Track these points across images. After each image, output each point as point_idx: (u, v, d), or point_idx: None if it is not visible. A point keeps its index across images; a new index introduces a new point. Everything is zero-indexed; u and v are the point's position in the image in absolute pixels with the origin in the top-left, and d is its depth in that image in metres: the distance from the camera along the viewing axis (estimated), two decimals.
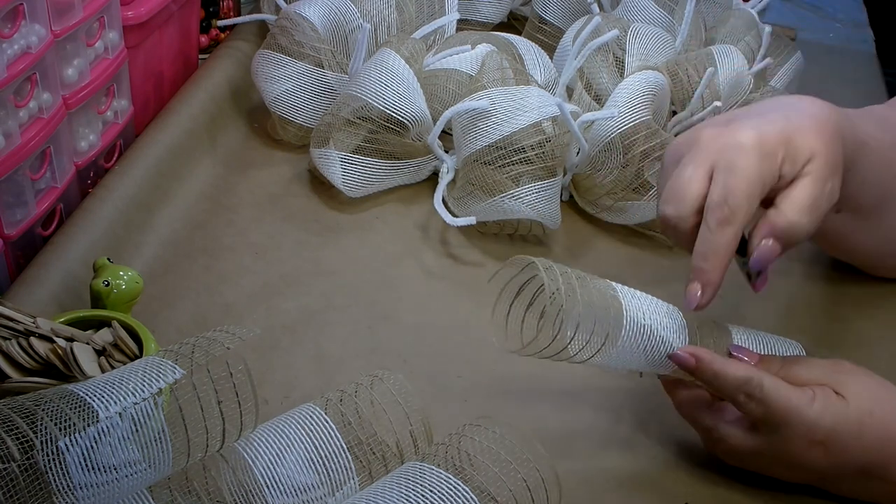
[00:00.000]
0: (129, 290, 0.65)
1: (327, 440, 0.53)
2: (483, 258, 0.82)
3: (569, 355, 0.58)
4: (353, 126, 0.84)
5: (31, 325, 0.57)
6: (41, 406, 0.44)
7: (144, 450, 0.46)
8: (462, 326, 0.75)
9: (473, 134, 0.81)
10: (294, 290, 0.76)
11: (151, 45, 0.87)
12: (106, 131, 0.81)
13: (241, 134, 0.93)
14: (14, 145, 0.67)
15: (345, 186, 0.84)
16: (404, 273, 0.80)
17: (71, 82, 0.73)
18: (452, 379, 0.70)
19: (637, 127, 0.81)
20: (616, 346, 0.58)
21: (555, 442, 0.66)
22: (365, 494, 0.51)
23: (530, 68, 0.91)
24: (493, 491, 0.51)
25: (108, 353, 0.58)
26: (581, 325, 0.57)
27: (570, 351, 0.58)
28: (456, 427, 0.55)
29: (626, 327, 0.59)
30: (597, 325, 0.58)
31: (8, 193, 0.68)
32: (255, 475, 0.51)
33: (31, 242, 0.72)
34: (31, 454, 0.43)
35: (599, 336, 0.58)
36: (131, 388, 0.46)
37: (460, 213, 0.83)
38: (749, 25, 1.00)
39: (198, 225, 0.81)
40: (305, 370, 0.69)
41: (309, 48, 0.88)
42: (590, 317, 0.57)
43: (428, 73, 0.87)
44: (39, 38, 0.67)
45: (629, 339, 0.59)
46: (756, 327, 0.75)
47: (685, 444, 0.67)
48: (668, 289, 0.81)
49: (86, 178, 0.79)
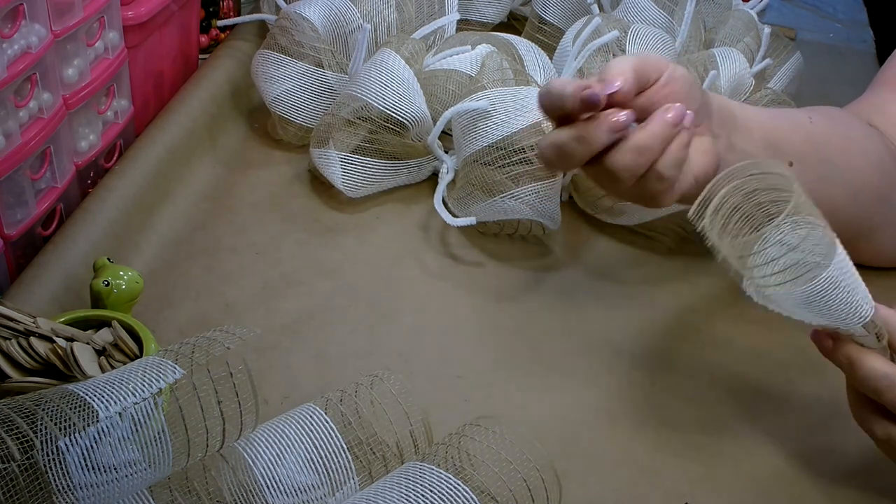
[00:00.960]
0: (130, 290, 0.65)
1: (327, 440, 0.53)
2: (483, 258, 0.82)
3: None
4: (352, 126, 0.84)
5: (31, 325, 0.57)
6: (41, 406, 0.44)
7: (144, 450, 0.46)
8: (462, 326, 0.75)
9: (473, 134, 0.81)
10: (294, 290, 0.76)
11: (151, 45, 0.87)
12: (106, 131, 0.81)
13: (241, 134, 0.93)
14: (14, 145, 0.67)
15: (345, 186, 0.84)
16: (404, 273, 0.80)
17: (71, 82, 0.73)
18: (452, 379, 0.70)
19: None
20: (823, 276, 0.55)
21: (555, 442, 0.66)
22: (365, 494, 0.51)
23: (530, 68, 0.91)
24: (493, 491, 0.51)
25: (108, 353, 0.58)
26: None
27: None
28: (456, 427, 0.55)
29: (835, 265, 0.56)
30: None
31: (8, 193, 0.68)
32: (255, 475, 0.51)
33: (31, 242, 0.72)
34: (31, 454, 0.43)
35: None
36: (131, 388, 0.46)
37: (460, 214, 0.83)
38: (749, 26, 1.00)
39: (198, 225, 0.81)
40: (305, 370, 0.69)
41: (309, 48, 0.88)
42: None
43: (428, 74, 0.87)
44: (39, 38, 0.67)
45: (835, 274, 0.56)
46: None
47: (685, 443, 0.67)
48: (668, 289, 0.82)
49: (86, 178, 0.79)
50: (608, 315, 0.78)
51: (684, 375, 0.73)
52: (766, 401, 0.72)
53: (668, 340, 0.76)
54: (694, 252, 0.86)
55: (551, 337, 0.75)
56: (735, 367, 0.74)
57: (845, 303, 0.56)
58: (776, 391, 0.73)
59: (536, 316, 0.77)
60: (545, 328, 0.76)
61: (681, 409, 0.70)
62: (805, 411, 0.71)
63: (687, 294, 0.81)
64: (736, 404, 0.71)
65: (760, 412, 0.71)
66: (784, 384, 0.73)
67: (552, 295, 0.80)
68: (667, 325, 0.78)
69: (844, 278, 0.56)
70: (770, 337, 0.78)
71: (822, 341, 0.60)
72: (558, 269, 0.82)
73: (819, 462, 0.67)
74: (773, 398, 0.72)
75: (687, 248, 0.86)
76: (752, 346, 0.77)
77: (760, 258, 0.56)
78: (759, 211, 0.56)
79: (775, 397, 0.72)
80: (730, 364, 0.75)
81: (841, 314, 0.56)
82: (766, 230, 0.55)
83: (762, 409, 0.71)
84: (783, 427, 0.69)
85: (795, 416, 0.71)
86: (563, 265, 0.83)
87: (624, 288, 0.81)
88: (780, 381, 0.73)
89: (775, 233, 0.55)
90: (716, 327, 0.78)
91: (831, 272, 0.55)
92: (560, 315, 0.77)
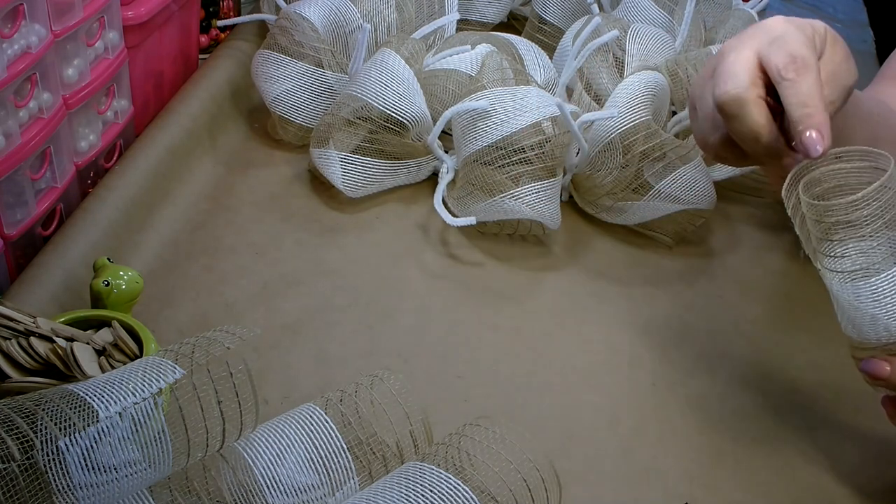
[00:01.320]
0: (130, 290, 0.65)
1: (327, 440, 0.53)
2: (483, 258, 0.82)
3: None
4: (352, 126, 0.84)
5: (31, 325, 0.57)
6: (41, 406, 0.44)
7: (144, 450, 0.46)
8: (462, 326, 0.75)
9: (473, 134, 0.81)
10: (294, 290, 0.76)
11: (151, 45, 0.87)
12: (106, 131, 0.81)
13: (241, 134, 0.93)
14: (14, 145, 0.67)
15: (345, 186, 0.84)
16: (404, 273, 0.80)
17: (71, 82, 0.73)
18: (452, 379, 0.70)
19: (637, 127, 0.81)
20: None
21: (555, 442, 0.66)
22: (365, 494, 0.51)
23: (530, 68, 0.91)
24: (493, 491, 0.51)
25: (108, 353, 0.58)
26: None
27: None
28: (456, 427, 0.55)
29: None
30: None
31: (8, 193, 0.68)
32: (255, 475, 0.51)
33: (31, 242, 0.72)
34: (32, 454, 0.43)
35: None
36: (131, 388, 0.46)
37: (460, 213, 0.83)
38: (748, 25, 1.00)
39: (198, 225, 0.81)
40: (305, 370, 0.69)
41: (309, 48, 0.88)
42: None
43: (428, 74, 0.87)
44: (39, 38, 0.67)
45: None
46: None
47: (685, 444, 0.67)
48: (668, 289, 0.82)
49: (86, 178, 0.79)
50: (608, 315, 0.78)
51: (684, 375, 0.73)
52: (766, 401, 0.72)
53: (668, 340, 0.76)
54: (694, 252, 0.86)
55: (551, 337, 0.75)
56: (735, 367, 0.74)
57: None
58: (776, 391, 0.73)
59: (536, 316, 0.77)
60: (545, 328, 0.76)
61: (681, 409, 0.70)
62: (805, 411, 0.71)
63: (687, 294, 0.81)
64: (736, 404, 0.71)
65: (760, 412, 0.71)
66: (784, 384, 0.73)
67: (552, 295, 0.80)
68: (667, 325, 0.78)
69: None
70: (770, 337, 0.78)
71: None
72: (558, 269, 0.82)
73: (819, 462, 0.67)
74: (774, 398, 0.72)
75: (687, 248, 0.86)
76: (752, 346, 0.77)
77: (836, 248, 0.57)
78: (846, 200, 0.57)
79: (775, 397, 0.72)
80: (730, 364, 0.75)
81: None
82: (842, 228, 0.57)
83: (762, 409, 0.71)
84: (783, 427, 0.70)
85: (795, 415, 0.71)
86: (563, 265, 0.83)
87: (624, 288, 0.81)
88: (781, 380, 0.74)
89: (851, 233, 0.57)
90: (716, 328, 0.78)
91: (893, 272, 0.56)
92: (560, 315, 0.78)
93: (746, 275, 0.84)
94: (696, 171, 0.81)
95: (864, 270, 0.58)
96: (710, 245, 0.87)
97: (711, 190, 0.83)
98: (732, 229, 0.90)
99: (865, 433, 0.70)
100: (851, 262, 0.58)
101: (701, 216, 0.84)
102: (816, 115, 0.58)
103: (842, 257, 0.58)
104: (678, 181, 0.81)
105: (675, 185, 0.81)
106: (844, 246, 0.58)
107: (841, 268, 0.58)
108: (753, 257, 0.86)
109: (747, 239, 0.88)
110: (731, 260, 0.86)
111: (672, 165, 0.81)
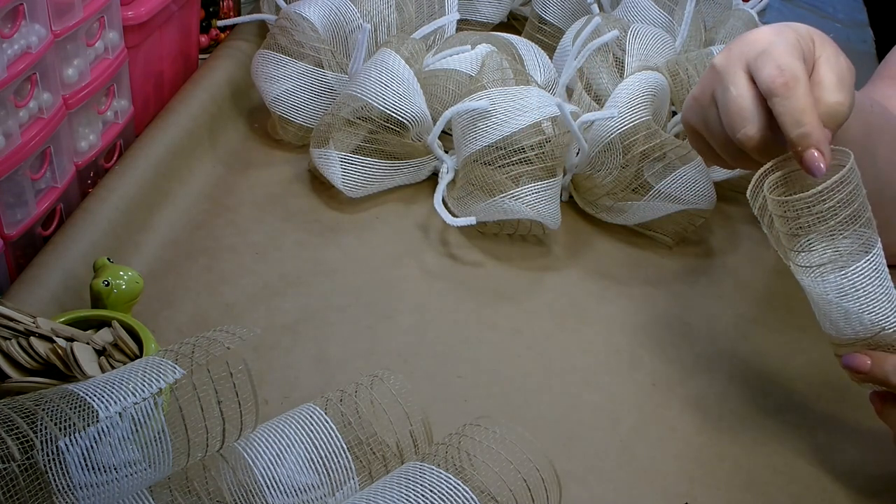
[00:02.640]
0: (130, 290, 0.65)
1: (327, 440, 0.53)
2: (483, 258, 0.82)
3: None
4: (352, 126, 0.84)
5: (31, 325, 0.57)
6: (41, 406, 0.44)
7: (144, 450, 0.46)
8: (462, 326, 0.75)
9: (473, 134, 0.81)
10: (294, 290, 0.76)
11: (151, 45, 0.87)
12: (106, 131, 0.81)
13: (241, 134, 0.93)
14: (14, 145, 0.67)
15: (345, 186, 0.84)
16: (404, 273, 0.80)
17: (71, 82, 0.73)
18: (452, 379, 0.70)
19: (637, 127, 0.81)
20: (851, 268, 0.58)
21: (555, 442, 0.66)
22: (365, 494, 0.51)
23: (530, 68, 0.91)
24: (493, 491, 0.51)
25: (108, 353, 0.58)
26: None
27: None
28: (456, 427, 0.55)
29: (870, 259, 0.58)
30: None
31: (8, 193, 0.68)
32: (255, 475, 0.51)
33: (31, 242, 0.72)
34: (31, 454, 0.43)
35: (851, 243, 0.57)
36: (131, 388, 0.46)
37: (460, 213, 0.83)
38: (749, 25, 1.00)
39: (198, 225, 0.81)
40: (305, 370, 0.69)
41: (309, 48, 0.88)
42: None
43: (428, 74, 0.87)
44: (39, 38, 0.67)
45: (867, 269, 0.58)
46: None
47: (685, 444, 0.67)
48: (668, 289, 0.82)
49: (86, 178, 0.79)
50: (608, 315, 0.78)
51: (684, 375, 0.73)
52: (766, 401, 0.72)
53: (667, 340, 0.76)
54: (694, 252, 0.86)
55: (551, 337, 0.75)
56: (735, 367, 0.74)
57: (879, 298, 0.58)
58: (776, 391, 0.73)
59: (536, 316, 0.77)
60: (545, 328, 0.76)
61: (681, 409, 0.70)
62: (805, 411, 0.71)
63: (687, 294, 0.81)
64: (736, 404, 0.71)
65: (760, 412, 0.71)
66: (784, 384, 0.73)
67: (552, 295, 0.80)
68: (667, 325, 0.78)
69: (879, 275, 0.57)
70: (770, 337, 0.78)
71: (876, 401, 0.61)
72: (558, 269, 0.82)
73: (819, 462, 0.67)
74: (774, 398, 0.72)
75: (687, 248, 0.86)
76: (752, 346, 0.77)
77: (804, 243, 0.58)
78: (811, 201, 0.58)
79: (776, 397, 0.72)
80: (730, 364, 0.75)
81: (876, 308, 0.58)
82: (812, 223, 0.58)
83: (762, 409, 0.71)
84: (783, 427, 0.70)
85: (795, 415, 0.71)
86: (563, 265, 0.83)
87: (624, 288, 0.81)
88: (781, 380, 0.74)
89: (822, 227, 0.57)
90: (715, 328, 0.78)
91: (864, 265, 0.57)
92: (560, 315, 0.78)
93: (746, 275, 0.85)
94: (696, 171, 0.81)
95: (832, 264, 0.58)
96: (710, 245, 0.87)
97: (711, 190, 0.83)
98: (732, 229, 0.90)
99: (865, 433, 0.70)
100: (819, 256, 0.58)
101: (701, 216, 0.84)
102: (812, 132, 0.58)
103: (810, 251, 0.59)
104: (678, 181, 0.81)
105: (675, 186, 0.81)
106: (811, 241, 0.59)
107: (810, 262, 0.59)
108: (753, 257, 0.86)
109: (747, 239, 0.88)
110: (731, 260, 0.86)
111: (672, 166, 0.81)
